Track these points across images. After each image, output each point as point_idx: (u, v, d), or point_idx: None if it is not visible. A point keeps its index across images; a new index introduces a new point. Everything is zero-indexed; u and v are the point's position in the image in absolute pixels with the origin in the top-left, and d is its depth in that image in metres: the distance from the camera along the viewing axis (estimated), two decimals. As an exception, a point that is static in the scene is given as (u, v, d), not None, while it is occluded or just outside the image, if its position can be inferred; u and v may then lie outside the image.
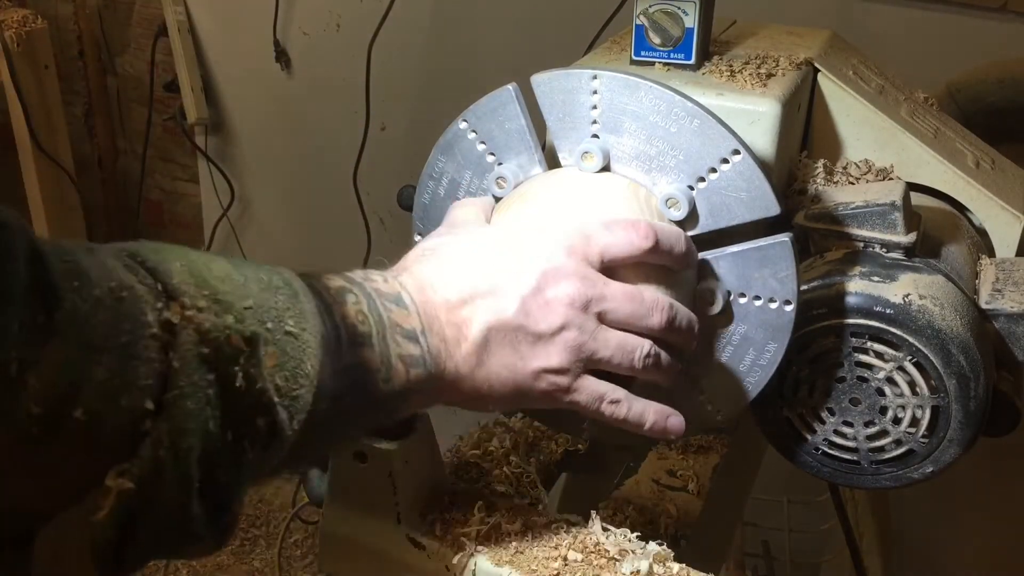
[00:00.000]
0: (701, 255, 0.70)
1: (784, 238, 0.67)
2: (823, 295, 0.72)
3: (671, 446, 0.88)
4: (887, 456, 0.74)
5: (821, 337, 0.73)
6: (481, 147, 0.73)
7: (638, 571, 0.67)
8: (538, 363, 0.60)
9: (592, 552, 0.69)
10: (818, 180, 0.82)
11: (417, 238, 0.79)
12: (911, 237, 0.74)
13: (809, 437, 0.77)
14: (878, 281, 0.72)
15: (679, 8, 0.76)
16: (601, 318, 0.62)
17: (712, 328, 0.71)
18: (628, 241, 0.63)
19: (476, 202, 0.71)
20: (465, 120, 0.73)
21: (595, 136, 0.70)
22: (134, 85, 2.47)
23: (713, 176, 0.67)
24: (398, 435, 0.70)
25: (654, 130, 0.68)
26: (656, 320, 0.63)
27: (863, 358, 0.72)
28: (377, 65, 1.90)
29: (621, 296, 0.62)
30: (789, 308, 0.68)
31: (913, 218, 0.76)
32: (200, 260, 0.46)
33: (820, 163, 0.83)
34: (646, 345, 0.63)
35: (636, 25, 0.78)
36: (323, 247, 2.29)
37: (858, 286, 0.72)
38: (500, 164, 0.73)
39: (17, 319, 0.37)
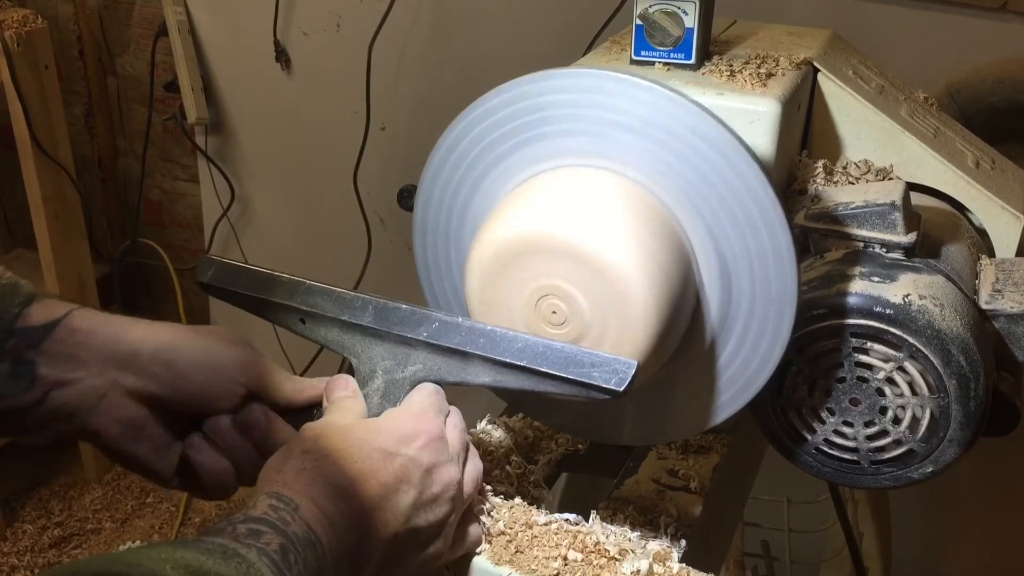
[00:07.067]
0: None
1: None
2: (823, 295, 0.72)
3: (671, 446, 0.88)
4: (887, 456, 0.74)
5: (821, 337, 0.73)
6: (477, 149, 0.73)
7: (638, 571, 0.67)
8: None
9: (592, 552, 0.69)
10: (818, 180, 0.82)
11: (417, 239, 0.79)
12: (911, 237, 0.74)
13: (809, 437, 0.76)
14: (878, 281, 0.72)
15: (679, 8, 0.76)
16: None
17: (711, 327, 0.71)
18: None
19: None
20: (459, 124, 0.73)
21: (595, 136, 0.70)
22: (134, 85, 2.47)
23: (713, 176, 0.67)
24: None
25: (654, 130, 0.68)
26: None
27: (863, 358, 0.72)
28: (377, 65, 1.90)
29: None
30: (790, 307, 0.68)
31: (913, 218, 0.76)
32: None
33: (820, 163, 0.83)
34: None
35: (636, 25, 0.78)
36: (323, 247, 2.29)
37: (858, 286, 0.72)
38: (497, 165, 0.73)
39: None
